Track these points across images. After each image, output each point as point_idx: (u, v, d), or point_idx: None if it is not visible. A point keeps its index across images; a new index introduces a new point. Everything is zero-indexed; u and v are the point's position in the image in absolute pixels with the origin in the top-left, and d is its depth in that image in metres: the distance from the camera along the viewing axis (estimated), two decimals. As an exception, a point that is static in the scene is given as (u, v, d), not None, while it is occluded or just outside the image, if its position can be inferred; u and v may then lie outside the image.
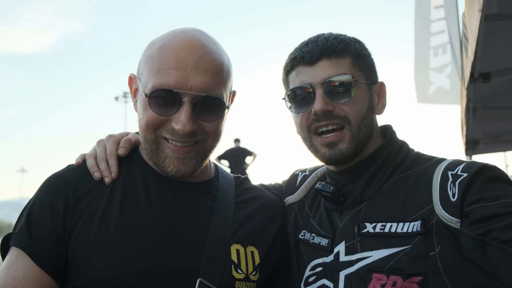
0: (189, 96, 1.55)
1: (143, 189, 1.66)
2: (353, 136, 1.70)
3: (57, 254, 1.53)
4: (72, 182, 1.62)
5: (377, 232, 1.62)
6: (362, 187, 1.73)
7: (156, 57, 1.59)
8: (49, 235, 1.54)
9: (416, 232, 1.53)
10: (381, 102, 1.82)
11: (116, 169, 1.67)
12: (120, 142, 1.77)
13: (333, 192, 1.76)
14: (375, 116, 1.82)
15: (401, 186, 1.67)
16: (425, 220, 1.53)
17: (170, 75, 1.54)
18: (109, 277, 1.49)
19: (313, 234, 1.82)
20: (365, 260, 1.61)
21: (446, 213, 1.50)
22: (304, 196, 1.99)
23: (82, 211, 1.57)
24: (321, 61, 1.70)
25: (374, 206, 1.68)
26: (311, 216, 1.90)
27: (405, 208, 1.61)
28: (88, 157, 1.71)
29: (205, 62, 1.58)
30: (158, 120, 1.59)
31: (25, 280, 1.50)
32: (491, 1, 3.16)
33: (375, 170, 1.74)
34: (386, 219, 1.62)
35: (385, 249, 1.58)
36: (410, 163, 1.72)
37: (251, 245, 1.71)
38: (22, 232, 1.55)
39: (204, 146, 1.66)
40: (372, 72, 1.81)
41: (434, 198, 1.55)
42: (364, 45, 1.83)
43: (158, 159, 1.63)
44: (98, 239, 1.53)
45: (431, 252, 1.50)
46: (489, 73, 4.36)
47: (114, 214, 1.58)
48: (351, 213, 1.72)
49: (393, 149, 1.77)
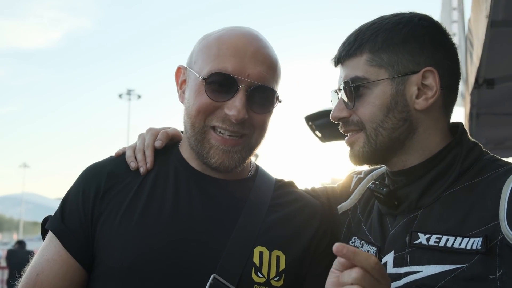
0: (246, 84, 1.56)
1: (174, 183, 1.66)
2: (368, 140, 1.57)
3: (84, 239, 1.58)
4: (106, 171, 1.68)
5: (430, 245, 1.44)
6: (420, 192, 1.54)
7: (214, 46, 1.61)
8: (79, 221, 1.60)
9: (476, 250, 1.34)
10: (425, 94, 1.54)
11: (152, 160, 1.70)
12: (158, 135, 1.80)
13: (386, 194, 1.59)
14: (423, 112, 1.56)
15: (465, 196, 1.46)
16: (488, 238, 1.34)
17: (229, 61, 1.56)
18: (124, 266, 1.52)
19: (362, 242, 1.68)
20: (414, 275, 1.44)
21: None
22: (357, 201, 1.83)
23: (111, 198, 1.62)
24: (344, 63, 1.63)
25: (431, 215, 1.50)
26: (363, 221, 1.75)
27: (466, 221, 1.41)
28: (128, 148, 1.77)
29: (262, 54, 1.61)
30: (211, 106, 1.58)
31: (53, 262, 1.57)
32: (498, 7, 3.16)
33: (437, 173, 1.53)
34: (442, 231, 1.44)
35: (437, 265, 1.40)
36: (480, 169, 1.50)
37: (278, 249, 1.62)
38: (56, 216, 1.65)
39: (250, 141, 1.66)
40: (407, 61, 1.55)
41: (501, 214, 1.35)
42: (402, 29, 1.56)
43: (203, 149, 1.62)
44: (120, 227, 1.56)
45: (491, 276, 1.32)
46: (493, 79, 4.37)
47: (139, 204, 1.60)
48: (404, 220, 1.55)
49: (461, 151, 1.54)
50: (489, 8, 2.89)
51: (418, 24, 1.58)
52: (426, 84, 1.55)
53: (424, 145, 1.57)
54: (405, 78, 1.55)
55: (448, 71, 1.59)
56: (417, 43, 1.55)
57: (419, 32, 1.56)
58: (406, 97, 1.55)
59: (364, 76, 1.56)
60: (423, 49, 1.55)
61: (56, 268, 1.56)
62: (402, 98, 1.55)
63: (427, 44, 1.56)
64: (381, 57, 1.56)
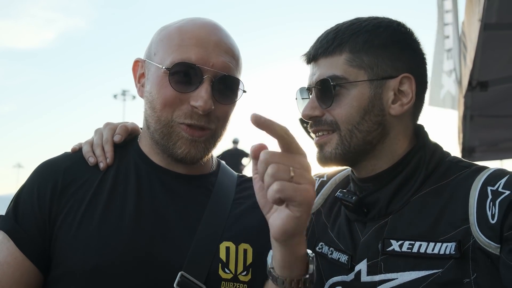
0: (211, 74, 1.52)
1: (135, 179, 1.60)
2: (342, 141, 1.54)
3: (41, 240, 1.49)
4: (63, 167, 1.59)
5: (404, 252, 1.43)
6: (388, 198, 1.53)
7: (176, 35, 1.56)
8: (34, 220, 1.51)
9: (450, 255, 1.35)
10: (400, 99, 1.54)
11: (112, 155, 1.64)
12: (116, 129, 1.74)
13: (355, 202, 1.56)
14: (396, 117, 1.56)
15: (433, 199, 1.47)
16: (461, 243, 1.35)
17: (192, 51, 1.52)
18: (87, 268, 1.44)
19: (331, 248, 1.64)
20: (389, 283, 1.44)
21: (484, 237, 1.32)
22: (321, 206, 1.79)
23: (70, 197, 1.53)
24: (318, 60, 1.58)
25: (401, 221, 1.49)
26: (329, 226, 1.71)
27: (438, 225, 1.42)
28: (85, 143, 1.70)
29: (225, 44, 1.58)
30: (177, 99, 1.53)
31: (6, 265, 1.47)
32: (491, 10, 3.18)
33: (403, 178, 1.52)
34: (414, 236, 1.43)
35: (412, 272, 1.40)
36: (444, 171, 1.51)
37: (245, 242, 1.58)
38: (8, 216, 1.54)
39: (214, 133, 1.62)
40: (386, 65, 1.53)
41: (471, 217, 1.36)
42: (382, 33, 1.55)
43: (170, 141, 1.57)
44: (81, 227, 1.48)
45: (465, 279, 1.33)
46: (487, 81, 4.40)
47: (100, 202, 1.53)
48: (375, 227, 1.53)
49: (425, 154, 1.54)
50: (481, 11, 2.91)
51: (397, 29, 1.58)
52: (402, 90, 1.54)
53: (393, 149, 1.56)
54: (383, 82, 1.53)
55: (421, 79, 1.59)
56: (396, 48, 1.55)
57: (398, 38, 1.56)
58: (383, 101, 1.54)
59: (343, 76, 1.53)
60: (401, 55, 1.55)
61: (10, 271, 1.46)
62: (379, 101, 1.53)
63: (405, 50, 1.57)
64: (362, 58, 1.53)
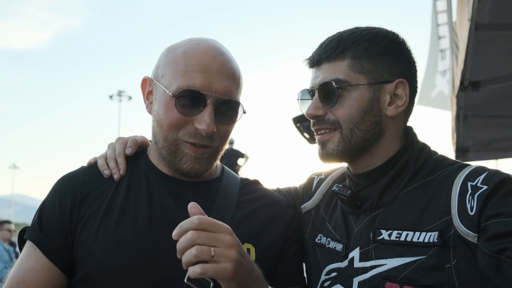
0: (213, 99, 1.65)
1: (146, 188, 1.75)
2: (343, 139, 1.69)
3: (64, 247, 1.65)
4: (81, 180, 1.75)
5: (392, 240, 1.59)
6: (379, 192, 1.69)
7: (181, 61, 1.68)
8: (58, 229, 1.66)
9: (433, 243, 1.49)
10: (396, 102, 1.71)
11: (124, 167, 1.79)
12: (127, 143, 1.89)
13: (350, 196, 1.73)
14: (390, 118, 1.72)
15: (420, 194, 1.62)
16: (443, 232, 1.49)
17: (196, 77, 1.65)
18: (105, 270, 1.59)
19: (328, 239, 1.80)
20: (379, 268, 1.59)
21: (464, 227, 1.45)
22: (320, 201, 1.96)
23: (88, 206, 1.69)
24: (322, 64, 1.73)
25: (391, 213, 1.64)
26: (327, 219, 1.87)
27: (423, 217, 1.56)
28: (99, 157, 1.85)
29: (227, 69, 1.69)
30: (182, 121, 1.67)
31: (35, 270, 1.63)
32: (482, 11, 3.21)
33: (393, 174, 1.69)
34: (402, 227, 1.59)
35: (399, 258, 1.55)
36: (431, 168, 1.66)
37: (248, 243, 1.72)
38: (34, 226, 1.70)
39: (217, 149, 1.76)
40: (384, 71, 1.70)
41: (453, 209, 1.50)
42: (380, 42, 1.71)
43: (176, 158, 1.71)
44: (99, 233, 1.64)
45: (447, 265, 1.47)
46: (478, 81, 4.42)
47: (115, 210, 1.68)
48: (367, 218, 1.69)
49: (413, 153, 1.70)
50: (471, 11, 2.94)
51: (393, 39, 1.75)
52: (397, 94, 1.71)
53: (387, 148, 1.73)
54: (381, 86, 1.70)
55: (413, 84, 1.76)
56: (392, 56, 1.72)
57: (394, 47, 1.74)
58: (380, 103, 1.70)
59: (346, 79, 1.68)
60: (397, 62, 1.72)
61: (38, 276, 1.63)
62: (377, 103, 1.70)
63: (400, 58, 1.74)
64: (362, 64, 1.69)
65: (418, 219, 1.57)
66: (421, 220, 1.56)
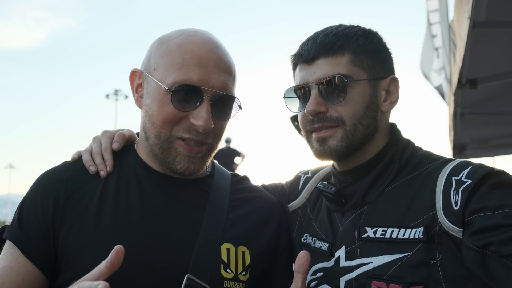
0: (210, 94, 1.59)
1: (136, 185, 1.67)
2: (346, 135, 1.65)
3: (46, 247, 1.56)
4: (65, 177, 1.65)
5: (377, 238, 1.57)
6: (364, 189, 1.67)
7: (177, 54, 1.60)
8: (39, 229, 1.57)
9: (418, 239, 1.48)
10: (390, 98, 1.73)
11: (111, 163, 1.70)
12: (114, 137, 1.79)
13: (334, 193, 1.71)
14: (383, 114, 1.73)
15: (405, 190, 1.61)
16: (428, 227, 1.47)
17: (193, 71, 1.57)
18: None
19: (314, 238, 1.78)
20: (365, 267, 1.57)
21: (449, 222, 1.44)
22: (307, 200, 1.93)
23: (74, 206, 1.59)
24: (318, 60, 1.67)
25: (376, 210, 1.63)
26: (313, 218, 1.85)
27: (408, 213, 1.55)
28: (84, 152, 1.74)
29: (223, 63, 1.63)
30: (177, 117, 1.59)
31: (10, 270, 1.53)
32: (480, 8, 3.21)
33: (378, 171, 1.67)
34: (387, 224, 1.57)
35: (385, 256, 1.53)
36: (416, 165, 1.65)
37: (243, 245, 1.69)
38: (13, 225, 1.61)
39: (211, 147, 1.70)
40: (379, 67, 1.71)
41: (437, 205, 1.49)
42: (373, 38, 1.73)
43: (169, 157, 1.63)
44: (88, 234, 1.55)
45: (432, 261, 1.46)
46: (476, 79, 4.41)
47: (105, 209, 1.59)
48: (352, 216, 1.67)
49: (398, 149, 1.69)
50: (471, 9, 2.94)
51: (381, 37, 1.78)
52: (389, 90, 1.73)
53: (378, 143, 1.72)
54: (378, 82, 1.70)
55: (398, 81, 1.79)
56: (384, 53, 1.76)
57: (384, 44, 1.77)
58: (377, 99, 1.70)
59: (349, 74, 1.65)
60: (387, 59, 1.76)
61: (13, 275, 1.53)
62: (375, 99, 1.70)
63: (389, 55, 1.78)
64: (362, 59, 1.68)
65: (403, 216, 1.55)
66: (406, 217, 1.55)
